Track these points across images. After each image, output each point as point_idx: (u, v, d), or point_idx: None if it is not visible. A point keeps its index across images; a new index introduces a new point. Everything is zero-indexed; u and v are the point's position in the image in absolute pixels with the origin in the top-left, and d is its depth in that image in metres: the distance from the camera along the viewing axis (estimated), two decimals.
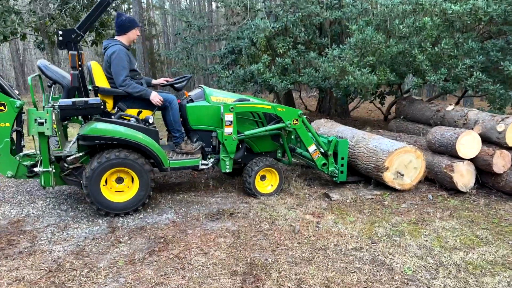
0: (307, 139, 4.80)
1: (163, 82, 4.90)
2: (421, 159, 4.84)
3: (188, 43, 8.27)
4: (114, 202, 4.01)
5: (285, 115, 4.64)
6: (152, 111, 4.39)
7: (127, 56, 4.18)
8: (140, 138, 4.05)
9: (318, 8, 7.40)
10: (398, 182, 4.85)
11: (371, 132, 6.63)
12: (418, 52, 6.01)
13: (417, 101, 6.81)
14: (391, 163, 4.74)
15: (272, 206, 4.41)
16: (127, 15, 4.43)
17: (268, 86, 7.19)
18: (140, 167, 4.02)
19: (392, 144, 4.88)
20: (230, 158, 4.54)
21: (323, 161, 4.91)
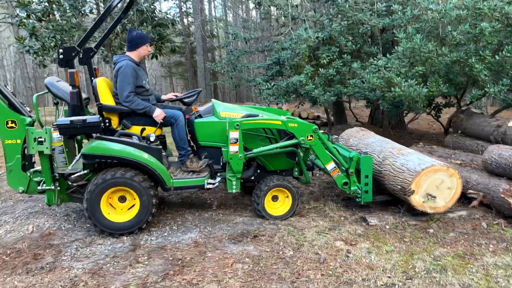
0: (324, 156, 4.38)
1: (172, 97, 4.82)
2: (456, 178, 4.24)
3: (233, 55, 8.24)
4: (114, 222, 3.94)
5: (297, 130, 4.26)
6: (156, 127, 4.31)
7: (134, 71, 4.16)
8: (140, 156, 3.95)
9: (367, 15, 7.01)
10: (430, 205, 4.29)
11: (422, 147, 6.08)
12: (476, 61, 5.41)
13: (476, 115, 6.15)
14: (418, 185, 4.19)
15: (301, 229, 4.14)
16: (138, 31, 4.44)
17: (311, 98, 6.90)
18: (141, 186, 3.92)
19: (420, 162, 4.30)
20: (237, 178, 4.28)
21: (343, 179, 4.46)
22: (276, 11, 7.63)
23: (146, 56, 4.48)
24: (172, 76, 33.61)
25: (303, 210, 4.73)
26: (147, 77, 4.47)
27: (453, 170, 4.24)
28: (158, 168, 4.01)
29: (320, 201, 5.02)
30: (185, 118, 4.47)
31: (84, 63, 4.37)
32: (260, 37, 9.72)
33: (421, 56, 5.46)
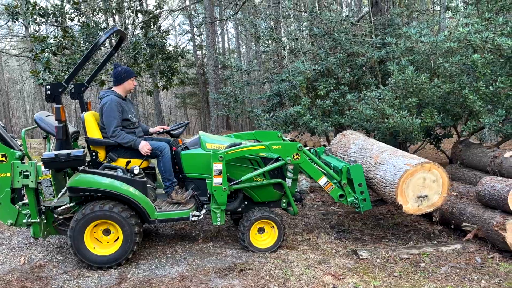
0: (314, 172, 4.38)
1: (160, 130, 4.92)
2: (435, 168, 4.16)
3: (236, 87, 8.42)
4: (100, 255, 3.97)
5: (282, 151, 4.27)
6: (141, 160, 4.39)
7: (119, 106, 4.30)
8: (124, 189, 4.00)
9: (365, 47, 7.12)
10: (427, 205, 4.23)
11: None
12: (470, 92, 5.41)
13: (474, 145, 6.08)
14: (404, 195, 4.15)
15: (289, 262, 4.10)
16: (123, 66, 4.60)
17: (309, 129, 6.96)
18: (121, 217, 3.96)
19: (396, 170, 4.23)
20: (221, 210, 4.28)
21: (339, 192, 4.44)
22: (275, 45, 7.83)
23: (132, 90, 4.63)
24: (186, 106, 34.28)
25: (295, 243, 4.69)
26: (134, 110, 4.60)
27: (428, 164, 4.16)
28: (142, 201, 4.06)
29: (313, 233, 4.97)
30: (172, 150, 4.55)
31: (76, 98, 4.54)
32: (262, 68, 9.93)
33: (413, 87, 5.49)
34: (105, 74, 13.47)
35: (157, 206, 4.35)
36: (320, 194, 6.86)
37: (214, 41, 25.28)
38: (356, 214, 5.69)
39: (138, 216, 4.12)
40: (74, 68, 4.12)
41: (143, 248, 4.55)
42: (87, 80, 4.84)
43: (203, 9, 24.60)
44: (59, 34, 12.49)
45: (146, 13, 13.00)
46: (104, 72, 12.05)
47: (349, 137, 5.72)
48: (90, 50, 4.13)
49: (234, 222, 5.22)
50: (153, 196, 4.52)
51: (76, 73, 4.19)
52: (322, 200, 6.52)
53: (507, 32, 5.43)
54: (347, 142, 5.56)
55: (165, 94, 34.85)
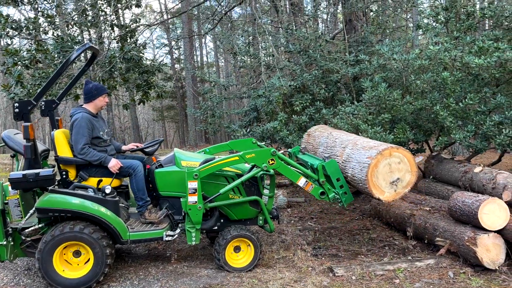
0: (291, 174, 4.38)
1: (133, 147, 4.85)
2: (394, 151, 4.15)
3: (212, 102, 8.41)
4: (70, 278, 3.84)
5: (257, 159, 4.24)
6: (111, 178, 4.29)
7: (89, 123, 4.21)
8: (95, 209, 3.89)
9: (339, 64, 7.25)
10: (402, 186, 4.24)
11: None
12: (441, 108, 5.56)
13: (446, 160, 6.22)
14: (378, 187, 4.17)
15: (265, 281, 4.05)
16: (95, 82, 4.52)
17: (286, 144, 6.99)
18: (91, 238, 3.85)
19: (361, 165, 4.24)
20: (196, 229, 4.21)
21: (319, 190, 4.44)
22: (251, 60, 7.89)
23: (103, 107, 4.54)
24: (164, 119, 34.03)
25: (271, 260, 4.66)
26: (106, 127, 4.51)
27: (387, 150, 4.14)
28: (113, 221, 3.95)
29: (290, 250, 4.94)
30: (146, 168, 4.47)
31: (46, 115, 4.43)
32: (240, 83, 9.97)
33: (386, 104, 5.60)
34: (80, 88, 13.24)
35: (130, 226, 4.24)
36: (297, 209, 6.87)
37: (192, 55, 25.30)
38: (332, 229, 5.71)
39: (110, 237, 4.01)
40: (44, 84, 4.03)
41: (115, 269, 4.42)
42: (59, 96, 4.73)
43: (181, 23, 24.66)
44: (32, 47, 12.25)
45: (123, 27, 12.90)
46: (79, 86, 11.85)
47: (314, 136, 5.71)
48: (61, 67, 4.04)
49: (210, 241, 5.14)
50: (125, 216, 4.41)
51: (46, 90, 4.09)
52: (299, 215, 6.52)
53: (474, 50, 5.62)
54: (314, 142, 5.54)
55: (142, 108, 34.52)
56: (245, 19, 11.97)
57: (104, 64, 13.01)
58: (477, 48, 5.57)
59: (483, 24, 6.97)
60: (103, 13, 12.46)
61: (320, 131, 5.68)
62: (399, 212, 5.48)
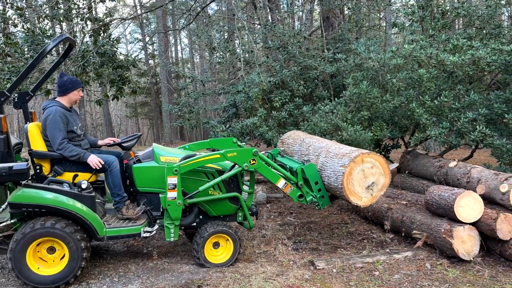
0: (271, 176, 4.38)
1: (110, 142, 4.73)
2: (366, 157, 4.22)
3: (191, 98, 8.32)
4: (45, 275, 3.72)
5: (238, 158, 4.23)
6: (91, 174, 4.20)
7: (64, 117, 4.08)
8: (70, 205, 3.78)
9: (317, 61, 7.32)
10: (378, 189, 4.31)
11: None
12: (417, 105, 5.70)
13: (421, 156, 6.39)
14: (355, 194, 4.22)
15: (247, 276, 4.04)
16: (69, 76, 4.39)
17: (265, 140, 7.00)
18: (65, 233, 3.73)
19: (336, 173, 4.29)
20: (175, 225, 4.15)
21: (297, 193, 4.47)
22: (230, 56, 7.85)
23: (77, 101, 4.41)
24: (137, 116, 33.44)
25: (253, 255, 4.65)
26: (79, 121, 4.38)
27: (359, 157, 4.19)
28: (90, 217, 3.84)
29: (271, 245, 4.96)
30: (123, 163, 4.37)
31: (20, 107, 4.26)
32: (217, 79, 9.91)
33: (366, 101, 5.70)
34: (51, 83, 12.83)
35: (106, 222, 4.14)
36: (276, 205, 6.89)
37: (167, 50, 24.98)
38: (312, 224, 5.77)
39: (84, 231, 3.90)
40: (18, 76, 3.87)
41: (93, 266, 4.31)
42: (32, 89, 4.56)
43: (156, 18, 24.27)
44: (1, 41, 11.77)
45: (96, 20, 12.57)
46: (50, 81, 11.46)
47: (288, 144, 5.69)
48: (36, 58, 3.89)
49: (187, 237, 5.08)
50: (102, 212, 4.30)
51: (20, 82, 3.94)
52: (279, 211, 6.55)
53: (449, 48, 5.79)
54: (288, 150, 5.55)
55: (115, 104, 33.84)
56: (222, 15, 11.89)
57: (77, 58, 12.66)
58: (452, 46, 5.75)
59: (457, 23, 7.18)
60: (76, 6, 12.10)
61: (293, 138, 5.68)
62: (376, 206, 5.58)
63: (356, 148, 4.58)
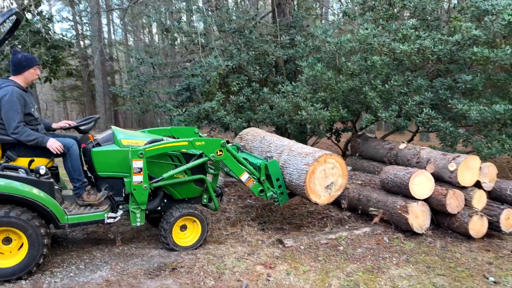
0: (236, 168, 4.46)
1: (65, 125, 4.47)
2: (328, 158, 4.46)
3: (140, 80, 8.01)
4: (3, 268, 3.48)
5: (206, 148, 4.24)
6: (49, 159, 3.97)
7: (22, 99, 3.79)
8: (27, 192, 3.53)
9: (272, 46, 7.41)
10: (336, 189, 4.58)
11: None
12: (369, 89, 6.02)
13: (371, 139, 6.79)
14: (315, 192, 4.45)
15: (220, 256, 4.08)
16: (25, 53, 4.07)
17: (223, 124, 6.99)
18: (25, 223, 3.51)
19: (299, 171, 4.48)
20: (141, 209, 4.07)
21: (259, 187, 4.58)
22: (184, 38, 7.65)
23: (34, 81, 4.09)
24: (66, 100, 31.39)
25: (221, 237, 4.68)
26: (35, 104, 4.07)
27: (322, 157, 4.41)
28: (50, 204, 3.61)
29: (237, 226, 5.02)
30: (81, 147, 4.14)
31: None
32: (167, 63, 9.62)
33: (322, 83, 5.90)
34: None
35: (66, 209, 3.93)
36: (234, 188, 6.94)
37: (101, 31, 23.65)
38: (273, 205, 5.91)
39: (42, 217, 3.67)
40: None
41: (55, 255, 4.08)
42: None
43: None
44: None
45: None
46: None
47: (247, 140, 5.77)
48: None
49: (148, 222, 4.94)
50: (60, 199, 4.07)
51: None
52: (238, 194, 6.61)
53: (398, 38, 6.16)
54: (247, 146, 5.63)
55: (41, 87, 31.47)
56: None
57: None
58: (401, 36, 6.12)
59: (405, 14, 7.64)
60: None
61: (253, 135, 5.76)
62: None
63: (318, 149, 4.79)
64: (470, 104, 5.49)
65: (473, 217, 4.51)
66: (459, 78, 5.78)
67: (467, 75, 5.70)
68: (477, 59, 5.36)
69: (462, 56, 5.76)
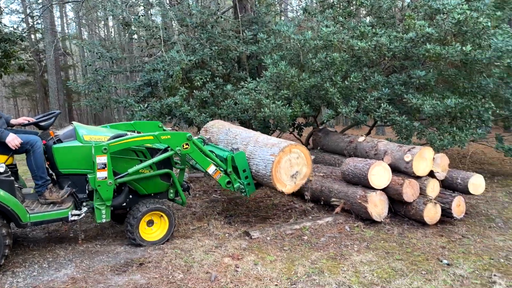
0: (203, 161, 4.48)
1: (24, 122, 4.36)
2: (293, 148, 4.58)
3: (99, 75, 7.79)
4: None
5: (172, 142, 4.23)
6: (7, 155, 3.85)
7: None
8: None
9: (235, 42, 7.45)
10: (300, 178, 4.69)
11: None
12: (330, 85, 6.22)
13: (332, 133, 7.02)
14: (281, 182, 4.55)
15: (188, 250, 4.10)
16: None
17: (187, 120, 6.96)
18: None
19: (265, 162, 4.57)
20: (106, 206, 4.02)
21: (226, 179, 4.63)
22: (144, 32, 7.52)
23: None
24: (16, 97, 29.85)
25: (188, 231, 4.70)
26: None
27: (287, 147, 4.52)
28: (10, 203, 3.51)
29: (203, 221, 5.05)
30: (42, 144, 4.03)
31: None
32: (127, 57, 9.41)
33: (285, 80, 6.03)
34: None
35: (28, 207, 3.82)
36: (198, 184, 6.95)
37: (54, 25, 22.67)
38: (238, 199, 5.98)
39: (3, 216, 3.55)
40: None
41: (15, 255, 3.95)
42: None
43: None
44: None
45: None
46: None
47: (213, 132, 5.82)
48: None
49: (112, 219, 4.87)
50: (20, 197, 3.94)
51: None
52: (202, 189, 6.63)
53: (356, 35, 6.40)
54: (213, 138, 5.67)
55: None
56: None
57: None
58: (359, 33, 6.36)
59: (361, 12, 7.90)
60: None
61: (218, 127, 5.79)
62: None
63: (284, 139, 4.89)
64: (424, 99, 5.81)
65: (428, 205, 4.79)
66: (413, 74, 6.09)
67: (421, 71, 6.02)
68: (430, 56, 5.68)
69: (416, 52, 6.07)
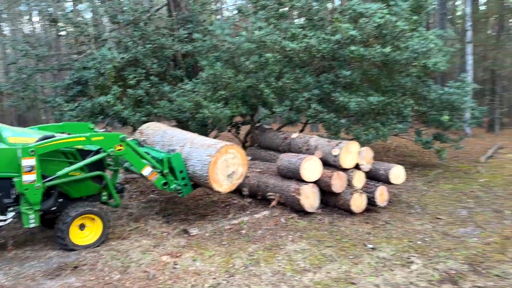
0: (138, 163, 4.44)
1: None
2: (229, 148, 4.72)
3: (24, 74, 7.34)
4: None
5: (104, 143, 4.15)
6: None
7: None
8: None
9: (169, 40, 7.40)
10: (237, 177, 4.84)
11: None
12: (265, 86, 6.42)
13: (268, 130, 7.25)
14: (217, 181, 4.67)
15: (124, 251, 4.08)
16: None
17: (121, 119, 6.80)
18: None
19: (202, 163, 4.64)
20: (35, 210, 3.86)
21: (162, 180, 4.63)
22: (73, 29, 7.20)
23: None
24: None
25: (124, 233, 4.65)
26: None
27: (223, 148, 4.66)
28: None
29: (140, 221, 5.02)
30: None
31: None
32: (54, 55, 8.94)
33: (222, 81, 6.13)
34: None
35: None
36: (135, 184, 6.84)
37: None
38: (176, 198, 5.99)
39: None
40: None
41: None
42: None
43: None
44: None
45: None
46: None
47: (148, 134, 5.75)
48: None
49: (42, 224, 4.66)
50: None
51: None
52: (139, 190, 6.54)
53: (288, 36, 6.66)
54: (148, 140, 5.61)
55: None
56: None
57: None
58: (291, 34, 6.63)
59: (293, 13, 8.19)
60: None
61: (153, 129, 5.73)
62: None
63: (220, 140, 5.00)
64: (350, 97, 6.22)
65: (354, 195, 5.17)
66: (340, 74, 6.49)
67: (347, 71, 6.43)
68: (354, 57, 6.09)
69: (342, 53, 6.47)
